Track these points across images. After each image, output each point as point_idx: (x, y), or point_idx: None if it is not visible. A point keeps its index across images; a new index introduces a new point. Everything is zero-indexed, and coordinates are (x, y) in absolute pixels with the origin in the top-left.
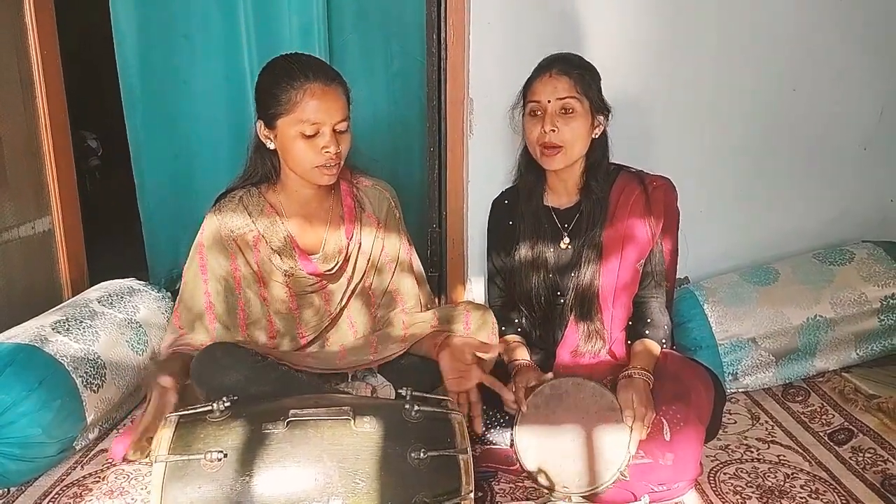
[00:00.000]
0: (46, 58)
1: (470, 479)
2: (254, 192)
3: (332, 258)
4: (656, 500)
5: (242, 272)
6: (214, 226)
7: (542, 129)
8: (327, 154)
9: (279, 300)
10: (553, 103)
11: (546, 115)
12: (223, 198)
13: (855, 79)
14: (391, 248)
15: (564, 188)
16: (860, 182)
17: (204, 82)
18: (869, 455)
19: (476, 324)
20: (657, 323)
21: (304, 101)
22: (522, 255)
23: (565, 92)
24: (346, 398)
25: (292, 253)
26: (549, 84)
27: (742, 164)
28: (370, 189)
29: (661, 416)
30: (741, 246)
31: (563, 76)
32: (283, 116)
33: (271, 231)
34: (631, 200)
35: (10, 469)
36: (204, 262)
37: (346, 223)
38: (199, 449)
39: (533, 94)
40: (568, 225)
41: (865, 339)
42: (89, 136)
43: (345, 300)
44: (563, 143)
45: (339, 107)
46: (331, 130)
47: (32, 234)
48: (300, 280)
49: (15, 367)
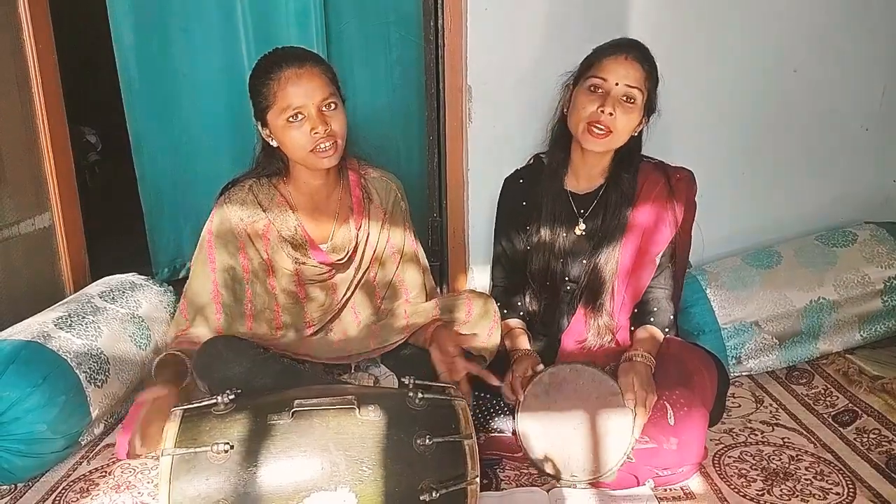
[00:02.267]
0: (42, 52)
1: (475, 464)
2: (264, 181)
3: (342, 249)
4: (661, 484)
5: (251, 262)
6: (223, 216)
7: (599, 108)
8: (317, 135)
9: (287, 290)
10: (620, 87)
11: (609, 96)
12: (232, 187)
13: (856, 60)
14: (396, 239)
15: (588, 174)
16: (862, 163)
17: (202, 74)
18: (873, 436)
19: (478, 312)
20: (662, 311)
21: (281, 89)
22: (535, 237)
23: (635, 81)
24: (350, 388)
25: (303, 242)
26: (622, 66)
27: (743, 147)
28: (377, 180)
29: (665, 401)
30: (743, 229)
31: (637, 64)
32: (269, 110)
33: (281, 220)
34: (654, 191)
35: (17, 465)
36: (212, 252)
37: (355, 214)
38: (206, 441)
39: (602, 70)
40: (584, 210)
41: (869, 321)
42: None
43: (350, 291)
44: (615, 128)
45: (316, 85)
46: (316, 111)
47: (33, 230)
48: (309, 270)
49: (18, 363)
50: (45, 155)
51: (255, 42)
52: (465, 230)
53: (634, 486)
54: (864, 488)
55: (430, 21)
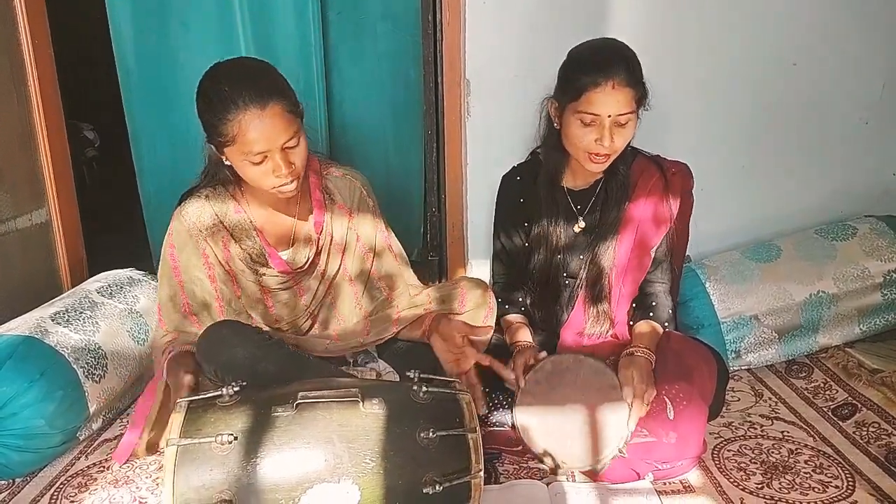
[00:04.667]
0: (38, 47)
1: (479, 458)
2: (220, 190)
3: (303, 255)
4: (660, 478)
5: (215, 269)
6: (183, 226)
7: (596, 140)
8: (279, 177)
9: (252, 297)
10: (613, 118)
11: (604, 128)
12: (189, 197)
13: (856, 53)
14: (367, 236)
15: (584, 170)
16: (862, 156)
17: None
18: (873, 429)
19: (473, 302)
20: (661, 305)
21: (243, 132)
22: (533, 233)
23: (627, 107)
24: (354, 381)
25: (262, 251)
26: (611, 97)
27: (742, 140)
28: (340, 179)
29: (665, 395)
30: (742, 223)
31: (626, 89)
32: (227, 146)
33: (240, 230)
34: (650, 184)
35: (14, 460)
36: (176, 264)
37: (316, 216)
38: (210, 432)
39: (591, 105)
40: (582, 207)
41: (868, 314)
42: (86, 127)
43: (321, 293)
44: (615, 151)
45: (280, 128)
46: (280, 152)
47: (30, 225)
48: (270, 279)
49: (16, 358)
50: (41, 150)
51: (252, 35)
52: (463, 224)
53: (634, 479)
54: (864, 481)
55: (429, 15)
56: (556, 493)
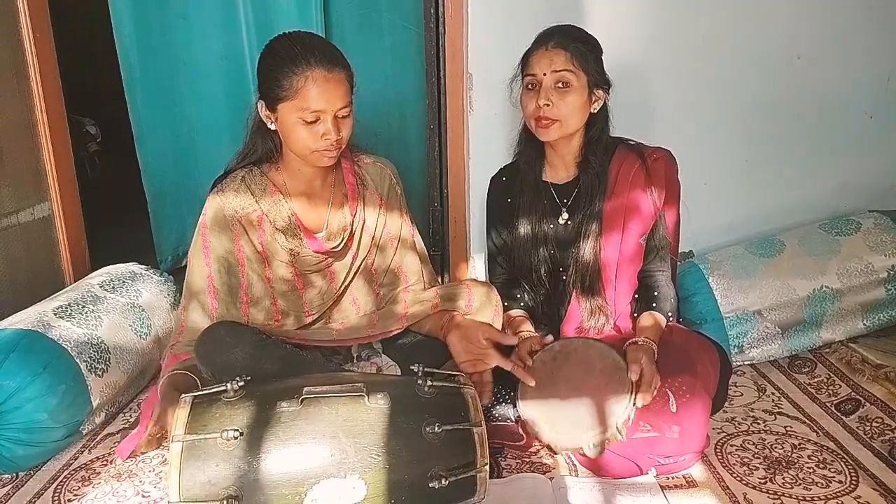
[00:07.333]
0: (40, 41)
1: (485, 452)
2: (256, 171)
3: (337, 236)
4: (663, 472)
5: (246, 252)
6: (217, 206)
7: (536, 102)
8: (327, 141)
9: (283, 280)
10: (549, 77)
11: (542, 88)
12: (224, 178)
13: (860, 47)
14: (393, 225)
15: (563, 163)
16: (866, 151)
17: (203, 61)
18: (876, 424)
19: (479, 301)
20: (663, 296)
21: (306, 88)
22: (522, 231)
23: (561, 65)
24: (358, 375)
25: (297, 231)
26: (545, 57)
27: (746, 135)
28: (371, 166)
29: (668, 389)
30: (746, 218)
31: (560, 49)
32: (284, 101)
33: (275, 210)
34: (631, 173)
35: (18, 454)
36: (207, 244)
37: (350, 201)
38: (215, 428)
39: (529, 67)
40: (567, 200)
41: (872, 309)
42: (88, 122)
43: (349, 278)
44: (559, 117)
45: (341, 94)
46: (332, 117)
47: (32, 219)
48: (305, 259)
49: (19, 352)
50: (43, 145)
51: (255, 29)
52: (466, 219)
53: (637, 474)
54: (867, 476)
55: (431, 8)
56: (559, 488)
